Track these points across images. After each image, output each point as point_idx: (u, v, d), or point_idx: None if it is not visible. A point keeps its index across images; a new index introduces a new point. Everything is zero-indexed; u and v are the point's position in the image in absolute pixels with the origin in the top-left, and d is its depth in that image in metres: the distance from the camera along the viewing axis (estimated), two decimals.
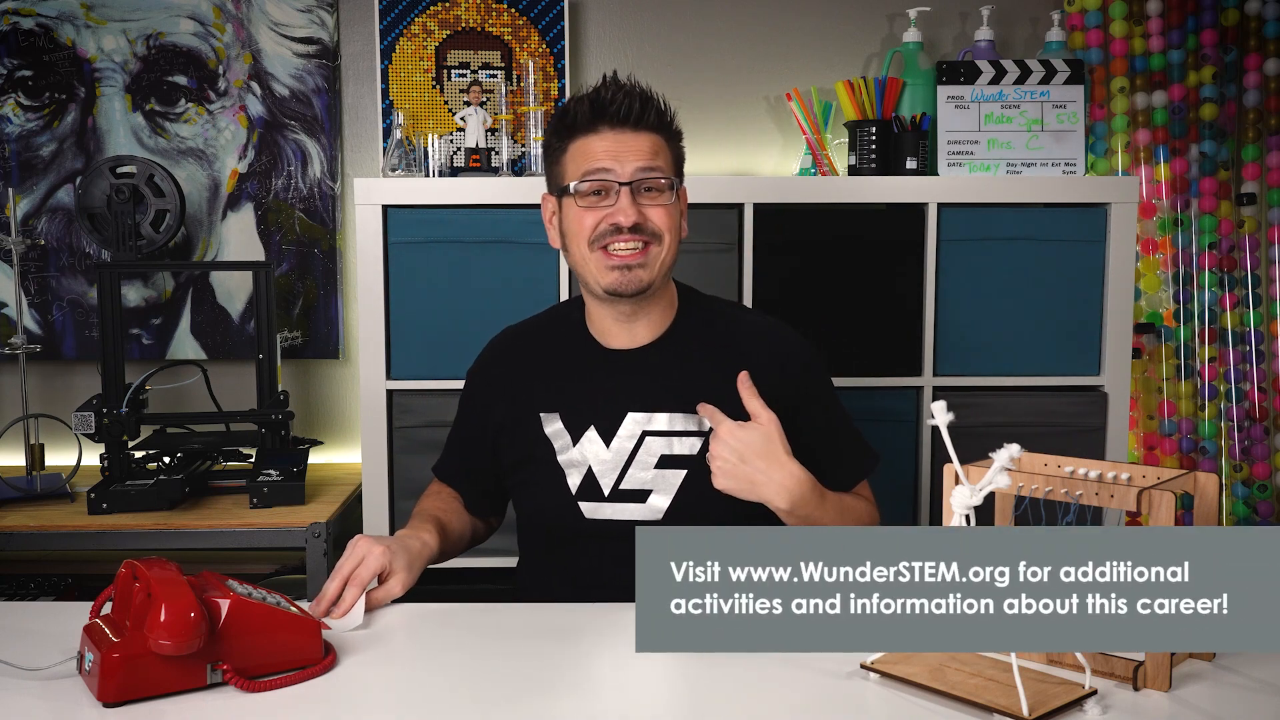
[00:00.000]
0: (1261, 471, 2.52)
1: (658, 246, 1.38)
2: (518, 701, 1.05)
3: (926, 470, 2.15)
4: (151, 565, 1.07)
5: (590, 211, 1.38)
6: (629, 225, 1.35)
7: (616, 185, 1.36)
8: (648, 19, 2.54)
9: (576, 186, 1.37)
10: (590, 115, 1.37)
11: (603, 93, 1.38)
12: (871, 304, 2.15)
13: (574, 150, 1.39)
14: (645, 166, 1.37)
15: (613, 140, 1.36)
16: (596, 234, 1.37)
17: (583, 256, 1.39)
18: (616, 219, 1.36)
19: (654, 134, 1.39)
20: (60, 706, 1.02)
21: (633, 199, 1.36)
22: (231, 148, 2.51)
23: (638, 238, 1.36)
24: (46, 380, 2.54)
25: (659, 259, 1.39)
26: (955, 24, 2.54)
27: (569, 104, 1.41)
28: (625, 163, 1.36)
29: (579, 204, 1.38)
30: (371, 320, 2.10)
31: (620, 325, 1.45)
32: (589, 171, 1.37)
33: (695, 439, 1.41)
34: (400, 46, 2.43)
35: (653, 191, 1.38)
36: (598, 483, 1.42)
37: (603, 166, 1.36)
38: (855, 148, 2.24)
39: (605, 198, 1.37)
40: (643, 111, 1.37)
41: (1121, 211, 2.13)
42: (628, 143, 1.36)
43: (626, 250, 1.36)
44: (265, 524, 2.05)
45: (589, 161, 1.37)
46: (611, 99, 1.37)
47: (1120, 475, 1.13)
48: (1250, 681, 1.09)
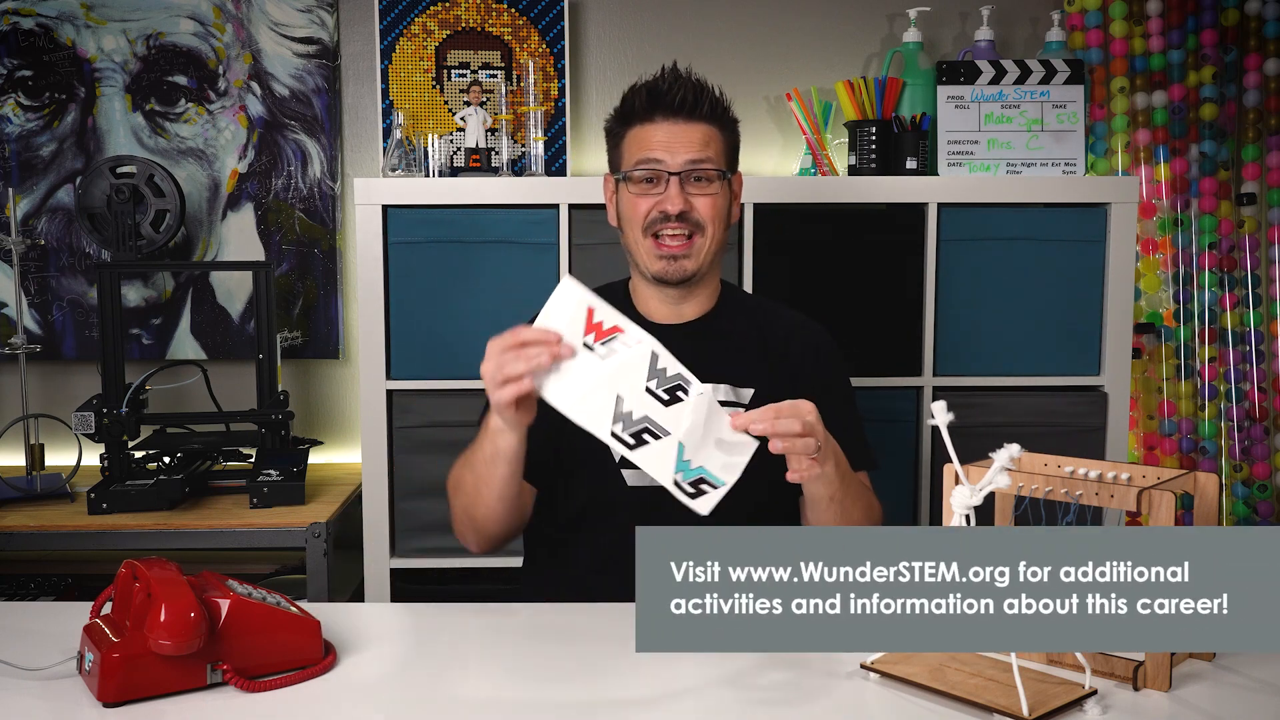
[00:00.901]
0: (1261, 471, 2.52)
1: (701, 237, 1.46)
2: (518, 702, 1.05)
3: (926, 470, 2.15)
4: (151, 565, 1.07)
5: (642, 199, 1.46)
6: (675, 213, 1.43)
7: (667, 175, 1.44)
8: (648, 19, 2.54)
9: (630, 173, 1.46)
10: (647, 104, 1.45)
11: (660, 83, 1.45)
12: (871, 304, 2.15)
13: (631, 138, 1.47)
14: (695, 159, 1.44)
15: (667, 131, 1.44)
16: (648, 221, 1.45)
17: (635, 240, 1.48)
18: (665, 206, 1.44)
19: (707, 124, 1.46)
20: (60, 706, 1.02)
21: (681, 188, 1.44)
22: (231, 148, 2.51)
23: (684, 226, 1.44)
24: (46, 380, 2.54)
25: (703, 249, 1.46)
26: (955, 24, 2.54)
27: (629, 91, 1.48)
28: (676, 154, 1.44)
29: (632, 190, 1.47)
30: (371, 320, 2.10)
31: (667, 305, 1.52)
32: (642, 160, 1.45)
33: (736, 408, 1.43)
34: (400, 46, 2.43)
35: (701, 181, 1.45)
36: None
37: (655, 157, 1.44)
38: (855, 148, 2.24)
39: (656, 185, 1.45)
40: (696, 103, 1.44)
41: (1121, 211, 2.13)
42: (680, 134, 1.44)
43: (674, 241, 1.44)
44: (265, 524, 2.05)
45: (643, 150, 1.45)
46: (668, 90, 1.44)
47: (1120, 475, 1.13)
48: (1250, 681, 1.09)
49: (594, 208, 2.11)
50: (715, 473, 1.16)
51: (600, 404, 1.15)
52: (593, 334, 1.15)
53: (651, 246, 1.45)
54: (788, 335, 1.53)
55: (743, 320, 1.54)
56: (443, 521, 1.62)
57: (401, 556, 2.15)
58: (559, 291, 1.16)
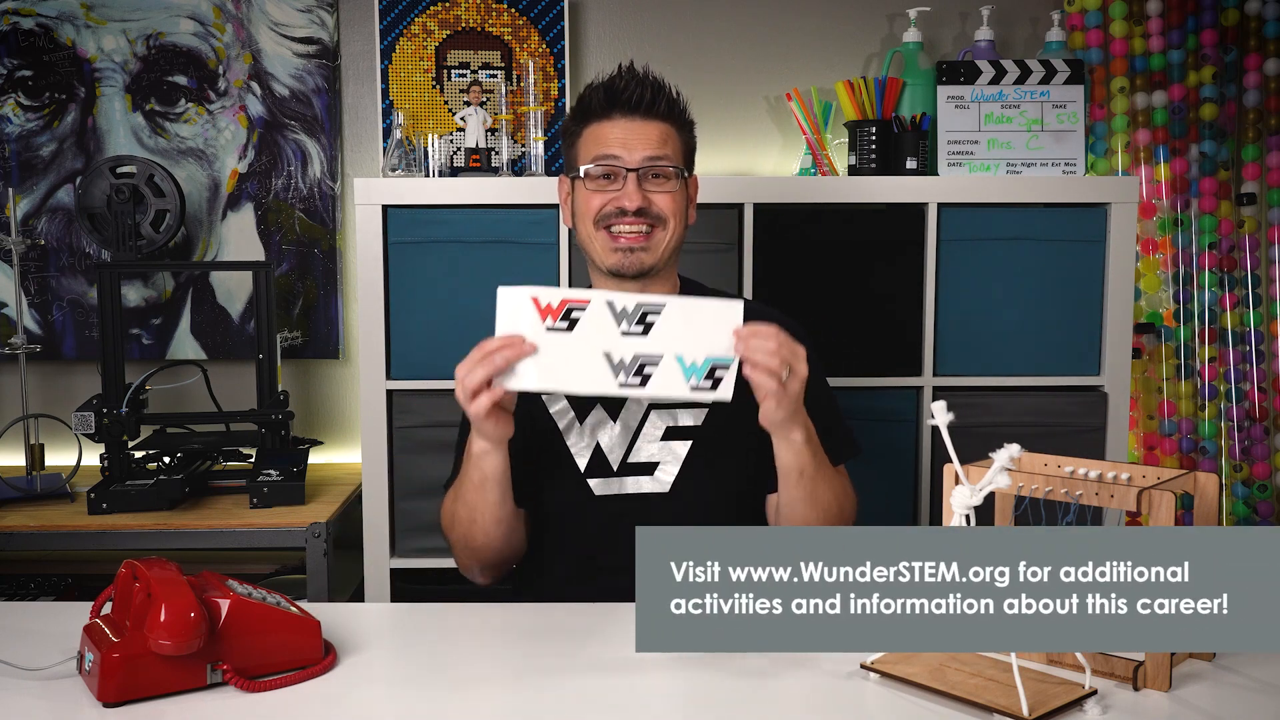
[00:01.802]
0: (1261, 471, 2.52)
1: (662, 230, 1.45)
2: (518, 702, 1.05)
3: (926, 470, 2.15)
4: (151, 565, 1.07)
5: (598, 194, 1.44)
6: (634, 209, 1.42)
7: (624, 171, 1.42)
8: (648, 19, 2.54)
9: (587, 170, 1.44)
10: (605, 102, 1.44)
11: (617, 81, 1.44)
12: (872, 304, 2.15)
13: (588, 135, 1.46)
14: (653, 155, 1.43)
15: (624, 128, 1.43)
16: (601, 214, 1.44)
17: (589, 235, 1.46)
18: (622, 202, 1.42)
19: (664, 123, 1.45)
20: (60, 706, 1.02)
21: (639, 185, 1.42)
22: (231, 148, 2.51)
23: (642, 221, 1.43)
24: (46, 380, 2.54)
25: (663, 242, 1.45)
26: (955, 24, 2.54)
27: (586, 90, 1.47)
28: (634, 150, 1.42)
29: (588, 186, 1.45)
30: (371, 320, 2.10)
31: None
32: (599, 156, 1.43)
33: (699, 411, 1.46)
34: (400, 46, 2.43)
35: (659, 179, 1.44)
36: (606, 459, 1.46)
37: (612, 153, 1.43)
38: (855, 148, 2.24)
39: (613, 182, 1.44)
40: (654, 100, 1.43)
41: (1121, 211, 2.13)
42: (638, 131, 1.43)
43: (631, 233, 1.43)
44: (265, 524, 2.05)
45: (600, 147, 1.44)
46: (625, 87, 1.43)
47: (1120, 475, 1.13)
48: (1250, 681, 1.09)
49: None
50: (719, 354, 1.19)
51: (594, 370, 1.19)
52: (549, 317, 1.20)
53: (606, 239, 1.44)
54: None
55: None
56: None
57: (401, 556, 2.15)
58: (500, 303, 1.21)
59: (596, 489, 1.45)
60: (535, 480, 1.49)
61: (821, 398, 1.52)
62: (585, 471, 1.46)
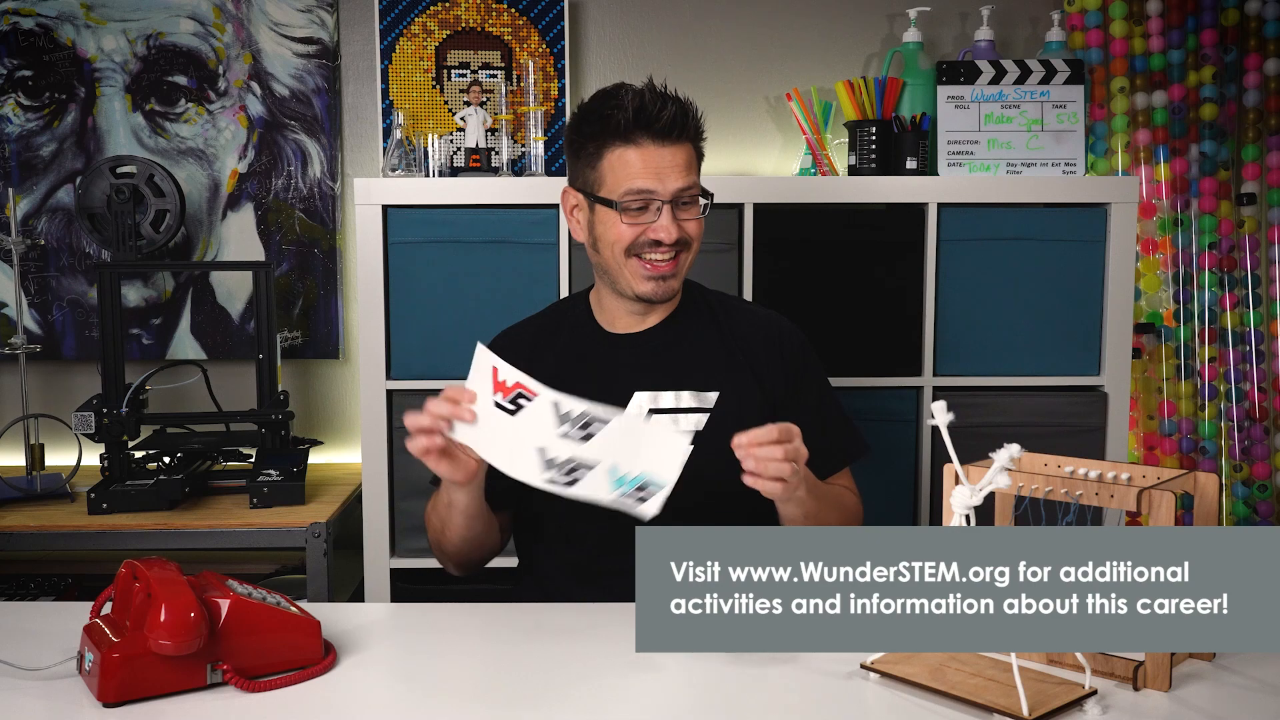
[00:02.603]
0: (1261, 471, 2.52)
1: (686, 254, 1.46)
2: (518, 702, 1.05)
3: (926, 470, 2.15)
4: (151, 565, 1.07)
5: (631, 226, 1.42)
6: (671, 242, 1.41)
7: (659, 203, 1.41)
8: (648, 19, 2.54)
9: (622, 204, 1.41)
10: (632, 123, 1.40)
11: (648, 104, 1.39)
12: (871, 304, 2.15)
13: (613, 159, 1.41)
14: (684, 186, 1.42)
15: (654, 156, 1.40)
16: (635, 244, 1.43)
17: (618, 263, 1.44)
18: (659, 235, 1.41)
19: (689, 145, 1.44)
20: (60, 706, 1.02)
21: (673, 216, 1.41)
22: (231, 148, 2.51)
23: (673, 249, 1.43)
24: (46, 380, 2.54)
25: (686, 264, 1.47)
26: (955, 24, 2.54)
27: (607, 108, 1.41)
28: (666, 181, 1.41)
29: (623, 220, 1.42)
30: (371, 320, 2.10)
31: (634, 316, 1.51)
32: (632, 191, 1.40)
33: (700, 415, 1.45)
34: (400, 46, 2.43)
35: (689, 206, 1.44)
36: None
37: (648, 187, 1.40)
38: (855, 148, 2.24)
39: (646, 213, 1.42)
40: (684, 126, 1.41)
41: (1121, 211, 2.13)
42: (666, 159, 1.41)
43: (663, 261, 1.43)
44: (265, 524, 2.05)
45: (631, 179, 1.40)
46: (658, 112, 1.39)
47: (1120, 475, 1.13)
48: (1250, 681, 1.09)
49: None
50: (655, 475, 1.20)
51: (525, 459, 1.22)
52: (500, 393, 1.23)
53: (637, 266, 1.43)
54: (749, 333, 1.51)
55: (703, 322, 1.53)
56: None
57: (401, 556, 2.15)
58: (475, 357, 1.24)
59: None
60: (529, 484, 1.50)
61: (826, 400, 1.53)
62: None
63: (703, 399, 1.46)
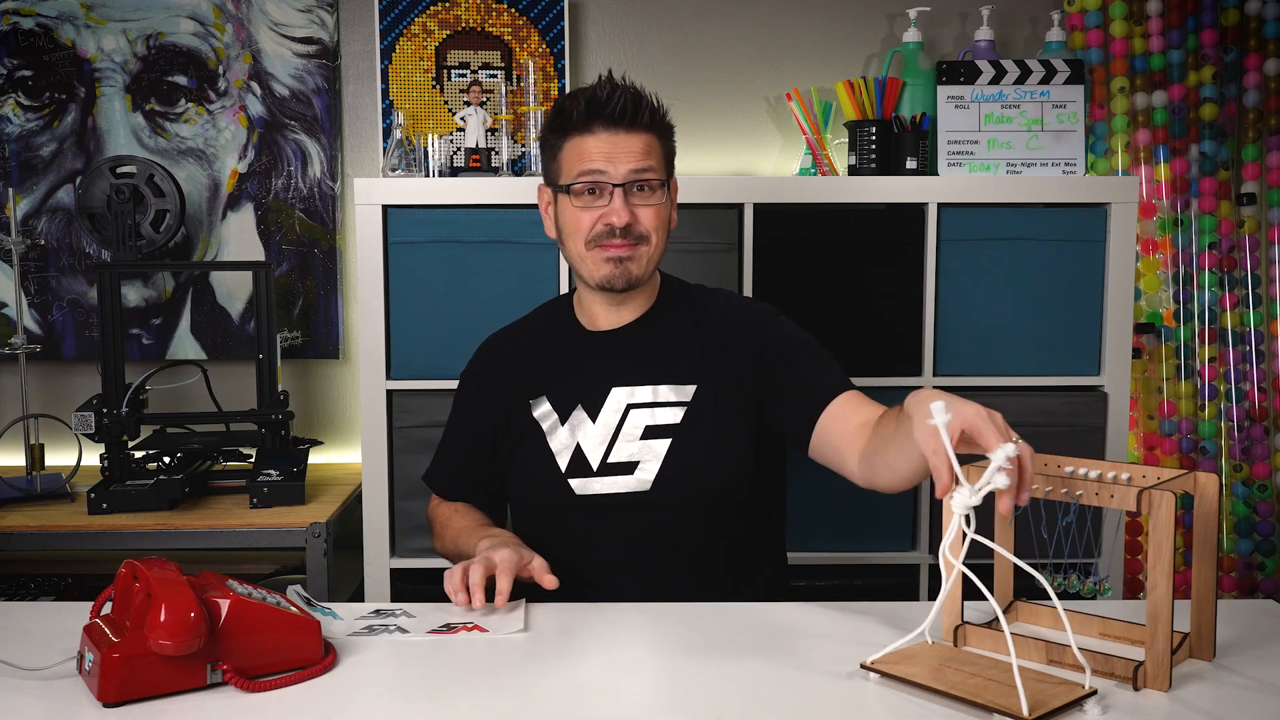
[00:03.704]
0: (1261, 471, 2.52)
1: (645, 246, 1.45)
2: (518, 702, 1.05)
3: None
4: (151, 565, 1.07)
5: (586, 211, 1.44)
6: (621, 225, 1.42)
7: (610, 186, 1.42)
8: (648, 19, 2.54)
9: (572, 186, 1.43)
10: (586, 114, 1.42)
11: (598, 92, 1.42)
12: (872, 304, 2.15)
13: (570, 148, 1.44)
14: (637, 168, 1.42)
15: (607, 141, 1.42)
16: (593, 234, 1.44)
17: (579, 254, 1.46)
18: (610, 219, 1.42)
19: (647, 133, 1.44)
20: (60, 706, 1.02)
21: (625, 199, 1.42)
22: (231, 148, 2.51)
23: (628, 238, 1.43)
24: (46, 380, 2.54)
25: (646, 256, 1.46)
26: (955, 24, 2.54)
27: (565, 101, 1.45)
28: (619, 164, 1.42)
29: (574, 203, 1.44)
30: (371, 320, 2.10)
31: (609, 309, 1.52)
32: (584, 172, 1.42)
33: (678, 409, 1.46)
34: (400, 46, 2.43)
35: (644, 191, 1.44)
36: (586, 459, 1.46)
37: (597, 168, 1.42)
38: (855, 148, 2.24)
39: (599, 197, 1.43)
40: (636, 111, 1.42)
41: (1121, 211, 2.13)
42: (621, 144, 1.42)
43: (619, 244, 1.43)
44: (265, 524, 2.05)
45: (584, 162, 1.42)
46: (607, 99, 1.41)
47: (1120, 475, 1.13)
48: (1250, 681, 1.09)
49: None
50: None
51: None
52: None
53: (597, 254, 1.44)
54: (723, 321, 1.50)
55: (680, 315, 1.52)
56: None
57: (401, 556, 2.15)
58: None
59: (577, 489, 1.46)
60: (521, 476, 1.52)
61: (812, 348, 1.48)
62: (566, 471, 1.47)
63: (680, 391, 1.46)
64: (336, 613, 1.27)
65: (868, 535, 2.15)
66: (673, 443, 1.45)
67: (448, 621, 1.25)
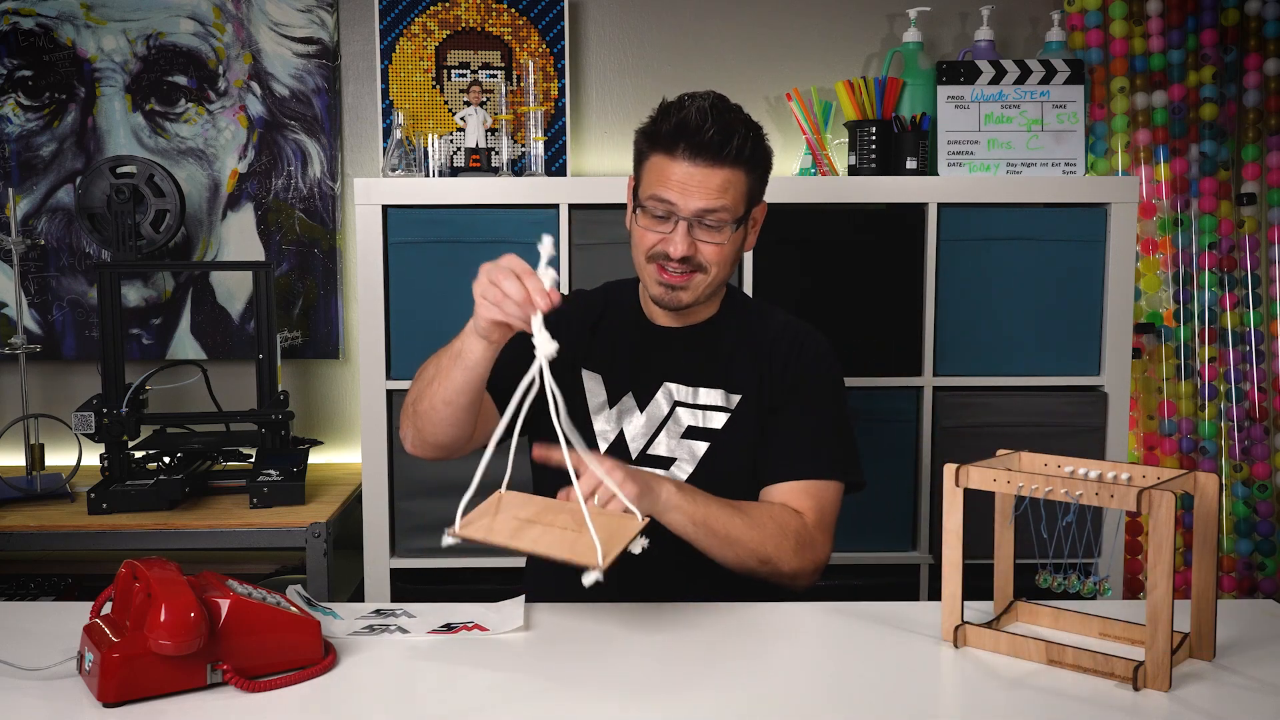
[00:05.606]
0: (1261, 471, 2.52)
1: (702, 275, 1.44)
2: (517, 701, 1.05)
3: (926, 470, 2.15)
4: (151, 565, 1.07)
5: (649, 232, 1.44)
6: (678, 257, 1.41)
7: (676, 217, 1.41)
8: (648, 19, 2.54)
9: (645, 207, 1.43)
10: (674, 134, 1.40)
11: (692, 117, 1.39)
12: (871, 304, 2.15)
13: (652, 164, 1.43)
14: (708, 207, 1.40)
15: (685, 172, 1.39)
16: (652, 252, 1.44)
17: (640, 264, 1.47)
18: (668, 248, 1.42)
19: (731, 168, 1.40)
20: (60, 706, 1.02)
21: (688, 232, 1.41)
22: (231, 148, 2.51)
23: (685, 265, 1.42)
24: (46, 380, 2.54)
25: (702, 285, 1.45)
26: (955, 24, 2.54)
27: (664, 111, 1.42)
28: (690, 199, 1.39)
29: (641, 222, 1.45)
30: (371, 320, 2.10)
31: (668, 314, 1.53)
32: (654, 197, 1.41)
33: (722, 414, 1.47)
34: (400, 46, 2.43)
35: (710, 229, 1.42)
36: (627, 447, 1.48)
37: (668, 198, 1.40)
38: (855, 148, 2.24)
39: (665, 222, 1.42)
40: (722, 146, 1.38)
41: (1121, 211, 2.13)
42: (697, 177, 1.39)
43: (675, 273, 1.43)
44: (265, 524, 2.05)
45: (659, 186, 1.41)
46: (697, 127, 1.38)
47: (1120, 475, 1.13)
48: (1250, 681, 1.09)
49: (594, 208, 2.11)
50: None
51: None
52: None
53: (654, 272, 1.45)
54: (775, 338, 1.51)
55: (739, 326, 1.54)
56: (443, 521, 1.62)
57: (401, 556, 2.15)
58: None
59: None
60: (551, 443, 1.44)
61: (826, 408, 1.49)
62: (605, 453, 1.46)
63: (729, 399, 1.48)
64: (336, 613, 1.27)
65: (868, 535, 2.15)
66: (711, 446, 1.46)
67: (448, 621, 1.25)
